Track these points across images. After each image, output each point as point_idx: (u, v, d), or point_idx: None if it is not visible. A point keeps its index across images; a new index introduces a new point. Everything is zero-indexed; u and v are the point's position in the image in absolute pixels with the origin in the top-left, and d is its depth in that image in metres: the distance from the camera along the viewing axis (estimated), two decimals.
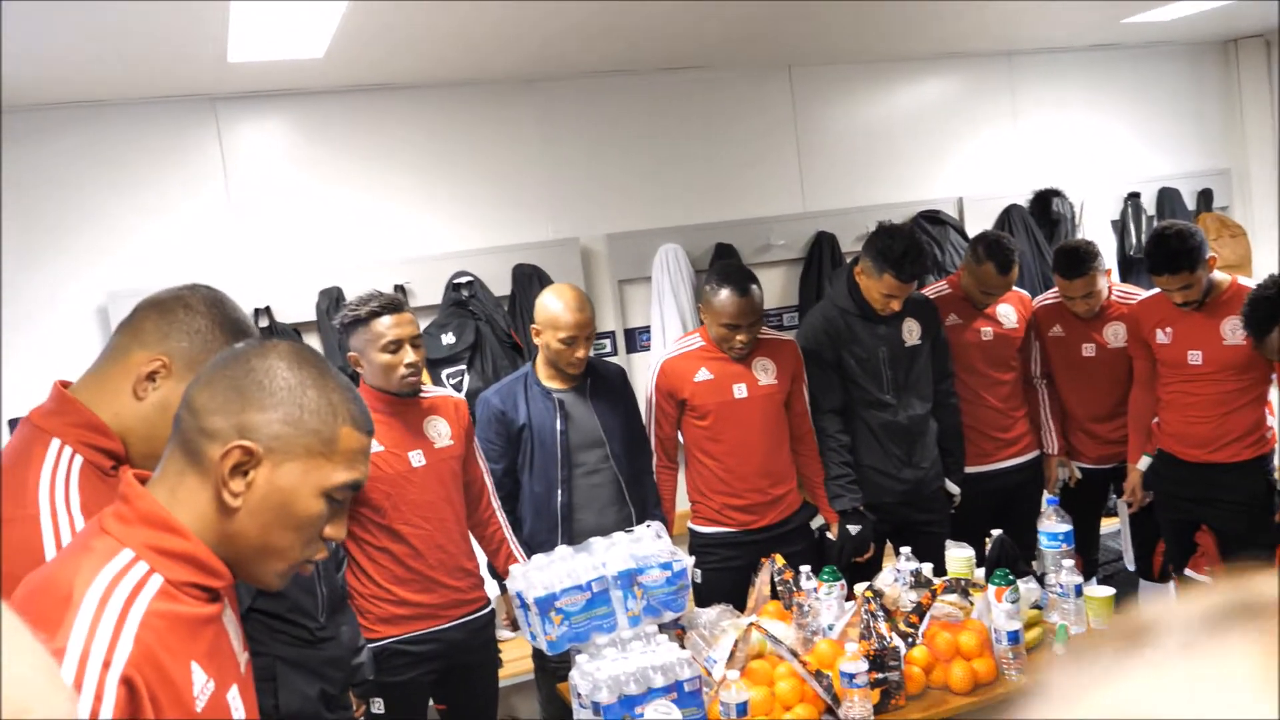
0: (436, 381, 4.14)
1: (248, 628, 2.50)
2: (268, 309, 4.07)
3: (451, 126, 4.39)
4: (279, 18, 3.13)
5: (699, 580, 3.75)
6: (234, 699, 1.31)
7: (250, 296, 4.06)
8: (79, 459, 1.61)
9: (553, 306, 3.36)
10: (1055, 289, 4.23)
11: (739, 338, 3.55)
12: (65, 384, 1.72)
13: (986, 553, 3.43)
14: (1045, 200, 5.39)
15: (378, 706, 3.12)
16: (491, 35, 3.75)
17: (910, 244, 3.72)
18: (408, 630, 3.11)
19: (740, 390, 3.64)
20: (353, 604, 3.07)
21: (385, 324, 3.04)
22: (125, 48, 3.29)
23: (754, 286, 3.56)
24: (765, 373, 3.68)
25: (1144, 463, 4.08)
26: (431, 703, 3.30)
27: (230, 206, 4.13)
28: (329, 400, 1.31)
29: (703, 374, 3.63)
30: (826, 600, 3.15)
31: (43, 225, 3.86)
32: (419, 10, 3.30)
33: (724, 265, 3.80)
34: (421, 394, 3.22)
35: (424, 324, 4.27)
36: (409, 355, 3.06)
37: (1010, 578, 3.00)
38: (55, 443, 1.60)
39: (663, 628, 3.27)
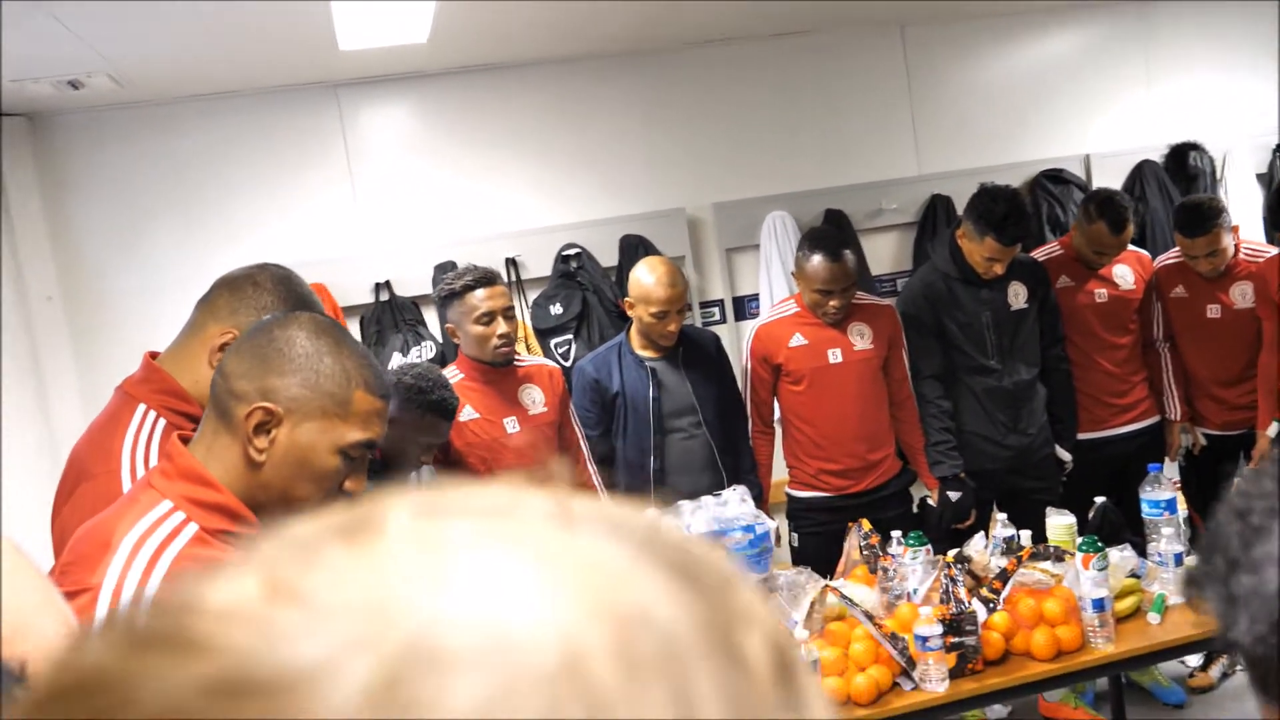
0: (545, 350, 4.31)
1: None
2: (388, 283, 4.32)
3: (557, 102, 4.53)
4: (378, 6, 3.32)
5: (796, 544, 3.82)
6: None
7: (371, 271, 4.32)
8: (162, 421, 1.82)
9: (645, 281, 3.45)
10: (1177, 248, 4.06)
11: (832, 303, 3.58)
12: (154, 354, 1.93)
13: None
14: (1181, 155, 5.13)
15: None
16: (590, 10, 3.86)
17: (1012, 206, 3.66)
18: None
19: (835, 355, 3.66)
20: None
21: (479, 297, 3.21)
22: (242, 41, 3.55)
23: (846, 251, 3.58)
24: (861, 338, 3.70)
25: (1274, 429, 3.90)
26: None
27: (353, 187, 4.39)
28: (343, 366, 1.46)
29: (797, 339, 3.68)
30: (912, 565, 3.17)
31: (186, 212, 4.20)
32: None
33: (816, 230, 3.82)
34: (516, 363, 3.38)
35: (533, 295, 4.45)
36: (501, 326, 3.22)
37: (1099, 545, 2.95)
38: (141, 407, 1.82)
39: None
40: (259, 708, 0.25)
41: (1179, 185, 5.11)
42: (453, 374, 3.30)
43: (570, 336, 4.34)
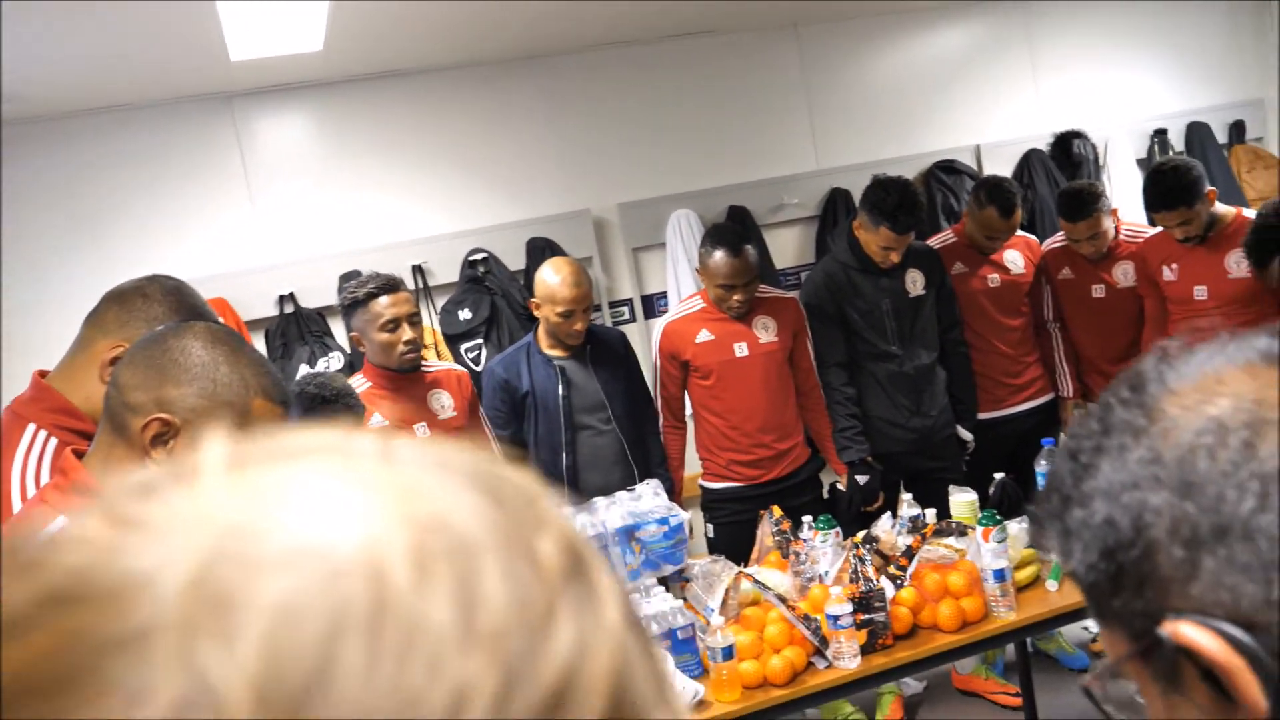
0: (455, 356, 4.31)
1: None
2: (292, 295, 4.27)
3: (457, 108, 4.53)
4: (268, 15, 3.30)
5: (712, 535, 3.88)
6: None
7: (274, 284, 4.27)
8: (54, 440, 1.79)
9: (550, 281, 3.48)
10: (1062, 233, 4.22)
11: (735, 297, 3.64)
12: (43, 373, 1.91)
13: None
14: (1066, 143, 5.33)
15: None
16: (483, 16, 3.88)
17: (904, 196, 3.77)
18: None
19: (741, 349, 3.73)
20: None
21: (383, 304, 3.21)
22: (130, 51, 3.49)
23: (747, 246, 3.65)
24: (766, 330, 3.77)
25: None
26: None
27: (251, 199, 4.34)
28: (241, 375, 1.46)
29: (704, 335, 3.74)
30: (822, 548, 3.25)
31: (72, 231, 4.10)
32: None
33: (717, 227, 3.89)
34: (424, 369, 3.38)
35: (441, 301, 4.44)
36: (407, 333, 3.22)
37: (997, 518, 3.07)
38: (31, 427, 1.79)
39: (670, 581, 3.41)
40: (89, 613, 0.28)
41: (1065, 172, 5.31)
42: (360, 382, 3.29)
43: (480, 341, 4.34)
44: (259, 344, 4.24)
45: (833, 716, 3.94)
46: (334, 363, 4.11)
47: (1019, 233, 4.24)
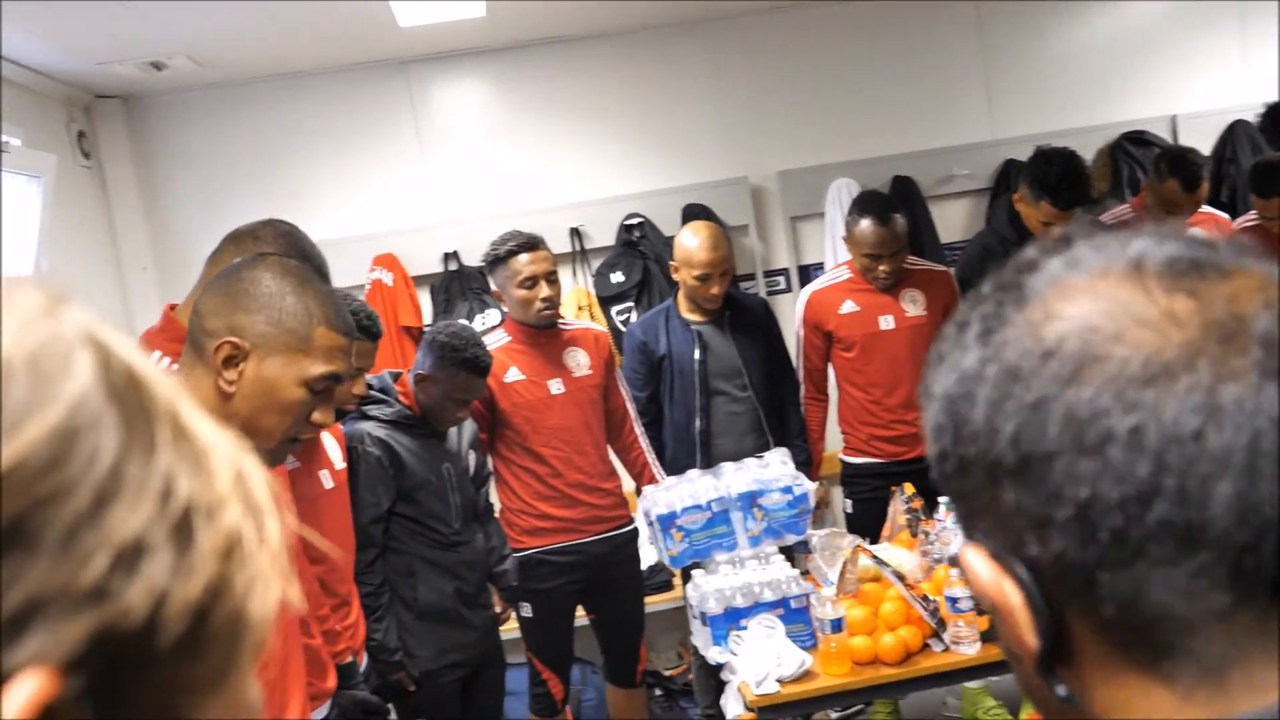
0: (606, 317, 4.38)
1: (394, 528, 2.85)
2: (455, 253, 4.45)
3: (618, 74, 4.58)
4: None
5: (850, 510, 3.81)
6: None
7: (440, 242, 4.46)
8: (175, 367, 1.95)
9: (688, 244, 3.49)
10: (1254, 210, 3.89)
11: (881, 267, 3.55)
12: (173, 306, 2.07)
13: None
14: (1278, 114, 4.88)
15: (526, 610, 3.43)
16: None
17: (1068, 169, 3.57)
18: (551, 542, 3.38)
19: (887, 321, 3.64)
20: (501, 518, 3.38)
21: (522, 261, 3.29)
22: (307, 20, 3.71)
23: (895, 215, 3.54)
24: (914, 304, 3.66)
25: None
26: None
27: (422, 161, 4.54)
28: (305, 305, 1.55)
29: (848, 305, 3.66)
30: (954, 530, 3.14)
31: (254, 191, 4.39)
32: None
33: (865, 194, 3.79)
34: (562, 326, 3.46)
35: (596, 264, 4.53)
36: (544, 290, 3.30)
37: None
38: (155, 354, 1.95)
39: (795, 551, 3.38)
40: None
41: (1277, 147, 4.86)
42: (500, 337, 3.40)
43: (631, 304, 4.40)
44: (424, 299, 4.46)
45: (973, 708, 3.81)
46: (490, 319, 4.26)
47: (1208, 209, 3.94)
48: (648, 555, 3.65)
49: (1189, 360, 0.48)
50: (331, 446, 2.66)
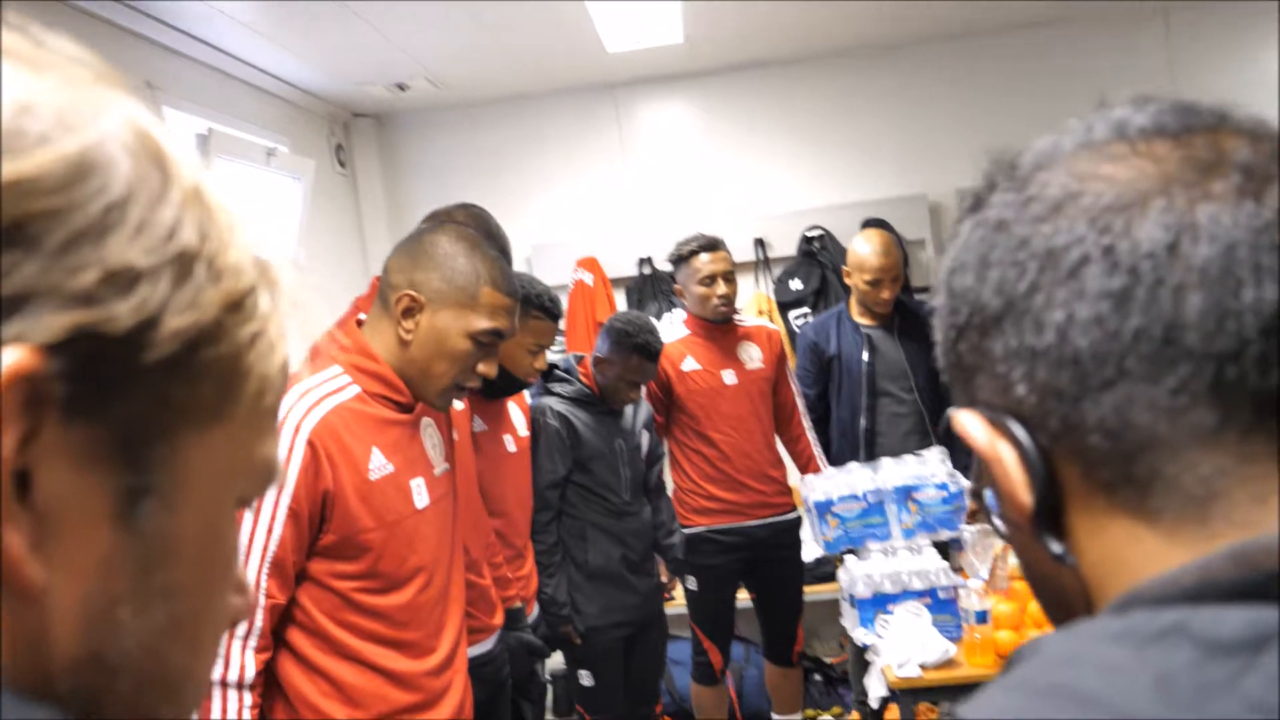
0: (784, 321, 4.33)
1: (570, 494, 2.91)
2: (649, 258, 4.50)
3: (805, 97, 4.51)
4: (631, 11, 3.50)
5: None
6: (418, 486, 1.65)
7: (636, 247, 4.52)
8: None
9: (860, 250, 3.40)
10: None
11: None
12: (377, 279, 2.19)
13: None
14: None
15: (691, 584, 3.42)
16: (836, 10, 3.84)
17: None
18: (717, 522, 3.36)
19: None
20: (673, 496, 3.39)
21: (703, 260, 3.29)
22: (525, 48, 3.85)
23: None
24: None
25: None
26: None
27: (624, 173, 4.62)
28: (474, 267, 1.60)
29: None
30: None
31: (492, 195, 4.57)
32: None
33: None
34: (737, 322, 3.44)
35: (777, 272, 4.48)
36: (721, 288, 3.29)
37: None
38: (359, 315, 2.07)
39: (951, 548, 3.23)
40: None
41: None
42: (680, 329, 3.42)
43: (808, 310, 4.33)
44: (619, 298, 4.54)
45: None
46: (678, 317, 4.27)
47: None
48: (812, 548, 3.57)
49: (1164, 187, 0.45)
50: (517, 416, 2.73)
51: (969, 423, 0.50)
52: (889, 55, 4.49)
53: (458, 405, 2.23)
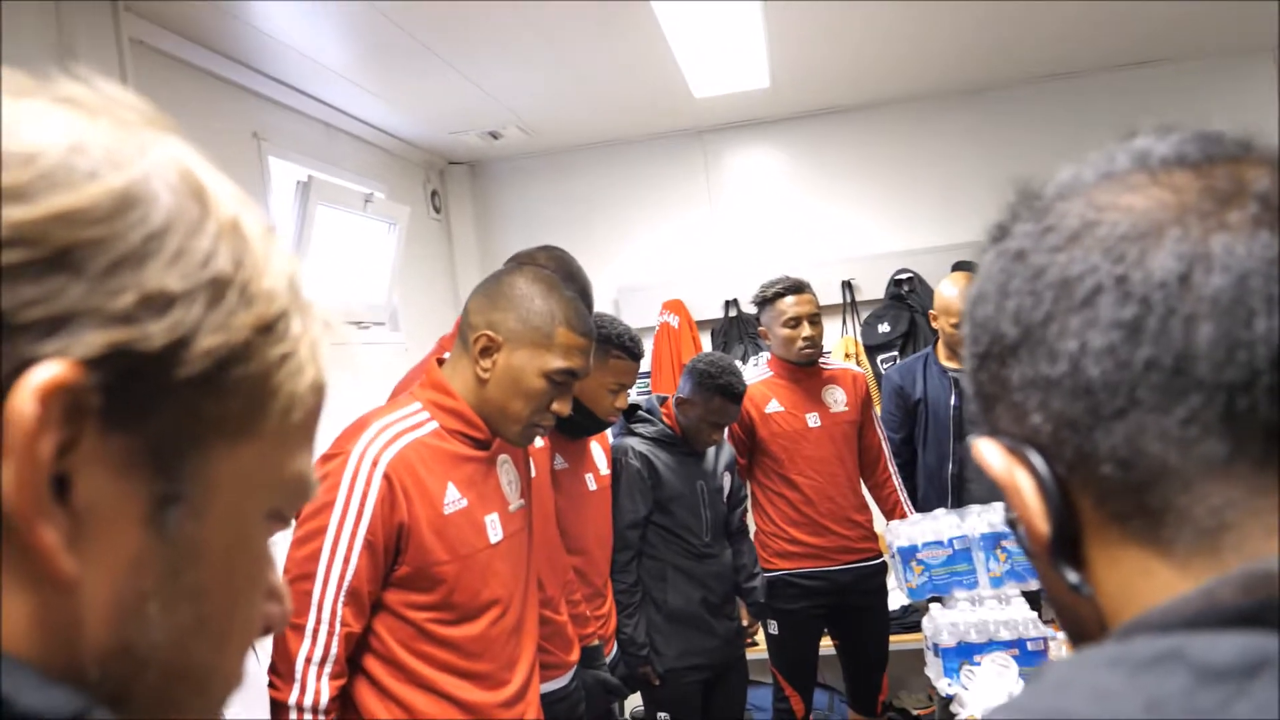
0: (872, 365, 4.27)
1: (651, 535, 2.91)
2: (735, 300, 4.50)
3: (891, 140, 4.48)
4: (717, 56, 3.54)
5: None
6: (492, 522, 1.68)
7: (722, 290, 4.53)
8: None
9: (946, 293, 3.35)
10: None
11: None
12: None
13: None
14: None
15: (773, 628, 3.36)
16: (921, 53, 3.83)
17: None
18: (800, 566, 3.30)
19: None
20: (756, 539, 3.35)
21: (788, 303, 3.28)
22: (614, 96, 3.93)
23: None
24: None
25: None
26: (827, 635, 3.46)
27: (711, 217, 4.65)
28: (550, 308, 1.63)
29: None
30: None
31: (583, 239, 4.65)
32: (844, 39, 3.52)
33: None
34: (822, 365, 3.40)
35: (864, 314, 4.42)
36: (806, 330, 3.26)
37: None
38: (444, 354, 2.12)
39: (1042, 596, 3.11)
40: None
41: None
42: (764, 371, 3.40)
43: (895, 354, 4.26)
44: (705, 340, 4.54)
45: None
46: (763, 361, 4.26)
47: None
48: (898, 596, 3.48)
49: (1180, 217, 0.45)
50: (599, 455, 2.75)
51: (988, 451, 0.50)
52: (976, 97, 4.44)
53: (539, 443, 2.27)
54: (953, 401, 3.39)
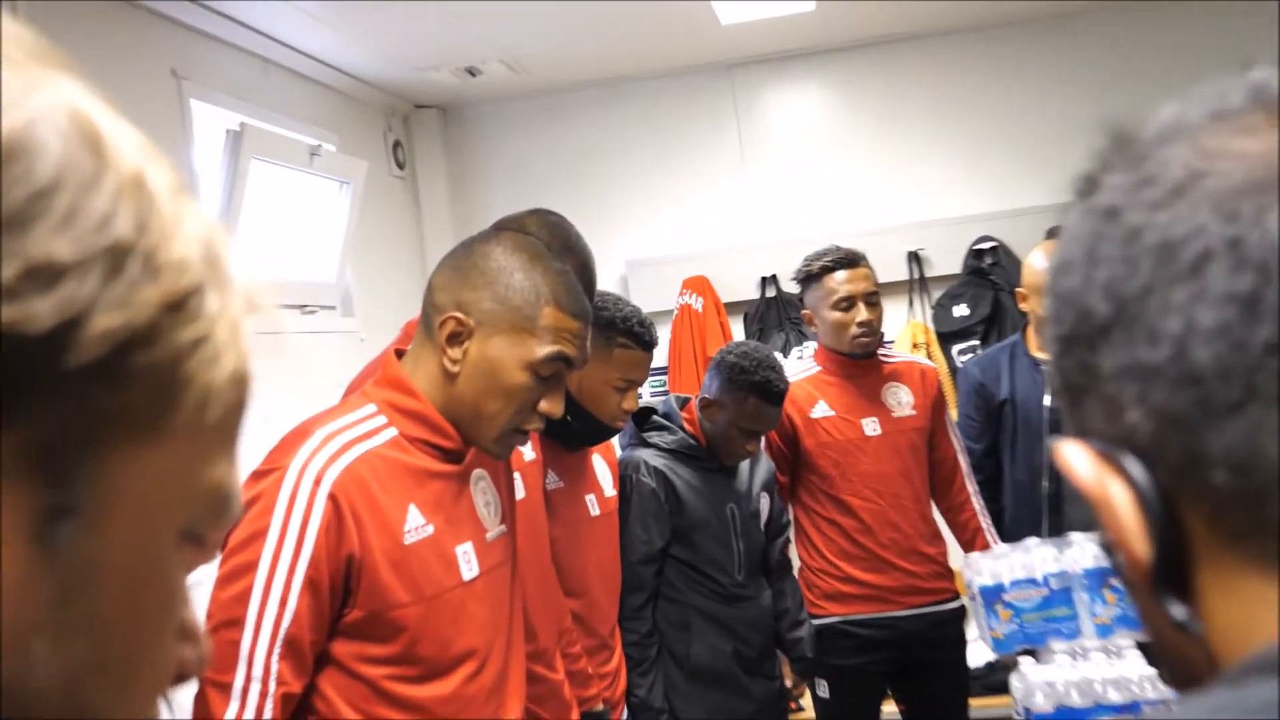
0: (946, 357, 4.27)
1: (669, 572, 2.90)
2: (774, 277, 4.50)
3: (969, 76, 4.46)
4: None
5: None
6: (465, 553, 1.67)
7: (757, 265, 4.55)
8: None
9: (1038, 266, 3.30)
10: None
11: None
12: None
13: None
14: None
15: (822, 690, 3.35)
16: None
17: None
18: (856, 610, 3.28)
19: None
20: (800, 577, 3.34)
21: (838, 279, 3.25)
22: (623, 23, 3.92)
23: None
24: None
25: None
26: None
27: (744, 175, 4.65)
28: (534, 283, 1.62)
29: None
30: None
31: (576, 196, 4.65)
32: None
33: None
34: (883, 358, 3.38)
35: (936, 294, 4.42)
36: (862, 313, 3.23)
37: None
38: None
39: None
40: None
41: None
42: (809, 366, 3.38)
43: (976, 342, 4.26)
44: (736, 327, 4.53)
45: None
46: (808, 350, 4.25)
47: None
48: (980, 649, 3.47)
49: None
50: (603, 471, 2.73)
51: (1074, 457, 0.50)
52: (1074, 23, 4.41)
53: (528, 454, 2.26)
54: (1047, 401, 3.37)
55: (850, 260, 3.28)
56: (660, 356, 3.72)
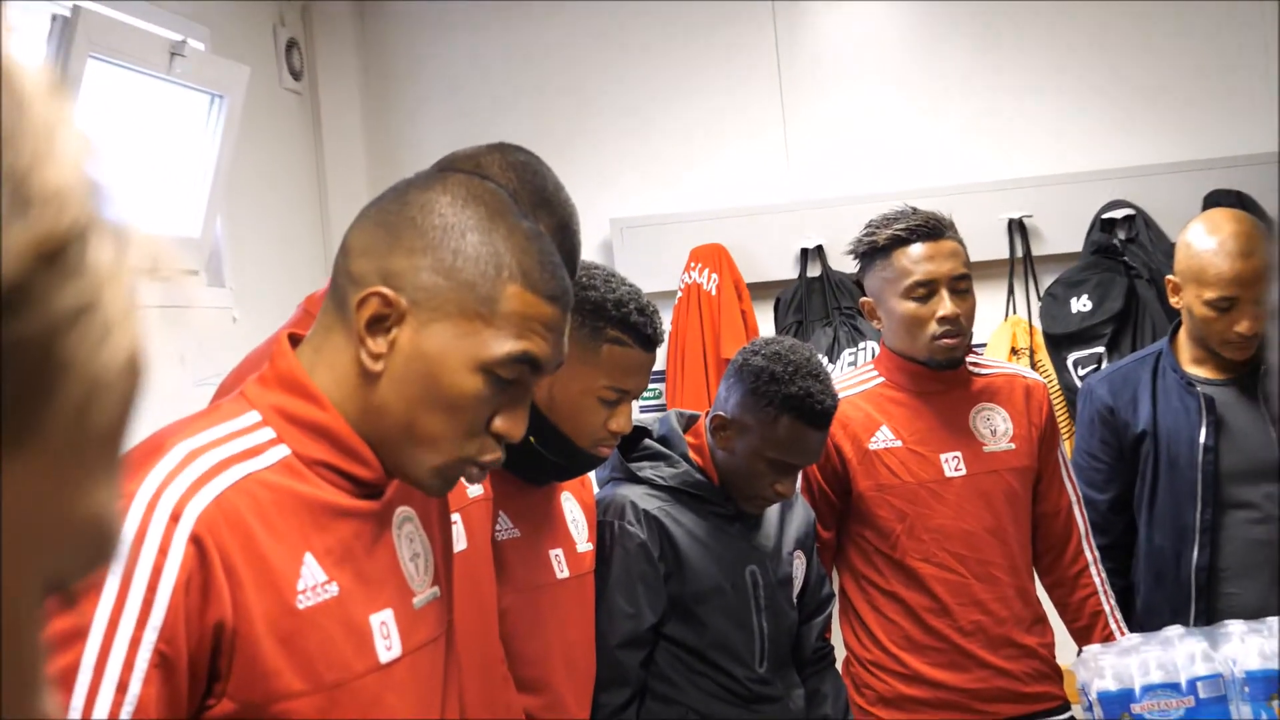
0: (1057, 367, 4.29)
1: (661, 660, 2.90)
2: (819, 250, 4.52)
3: None
4: None
5: None
6: (384, 625, 1.64)
7: (796, 233, 4.59)
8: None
9: (1199, 246, 3.34)
10: None
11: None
12: None
13: None
14: None
15: None
16: None
17: None
18: (924, 719, 3.30)
19: None
20: (845, 671, 3.34)
21: (914, 256, 3.25)
22: None
23: None
24: None
25: None
26: None
27: (780, 109, 4.73)
28: (494, 249, 1.59)
29: None
30: None
31: (539, 133, 4.65)
32: None
33: None
34: (972, 367, 3.39)
35: (1047, 281, 4.44)
36: (945, 305, 3.23)
37: None
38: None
39: None
40: None
41: None
42: (868, 375, 3.38)
43: (1101, 349, 4.29)
44: (765, 313, 4.54)
45: None
46: (865, 356, 4.26)
47: None
48: None
49: None
50: (575, 515, 2.72)
51: None
52: None
53: (473, 490, 2.25)
54: (1204, 438, 3.38)
55: (932, 230, 3.28)
56: (659, 357, 3.71)
